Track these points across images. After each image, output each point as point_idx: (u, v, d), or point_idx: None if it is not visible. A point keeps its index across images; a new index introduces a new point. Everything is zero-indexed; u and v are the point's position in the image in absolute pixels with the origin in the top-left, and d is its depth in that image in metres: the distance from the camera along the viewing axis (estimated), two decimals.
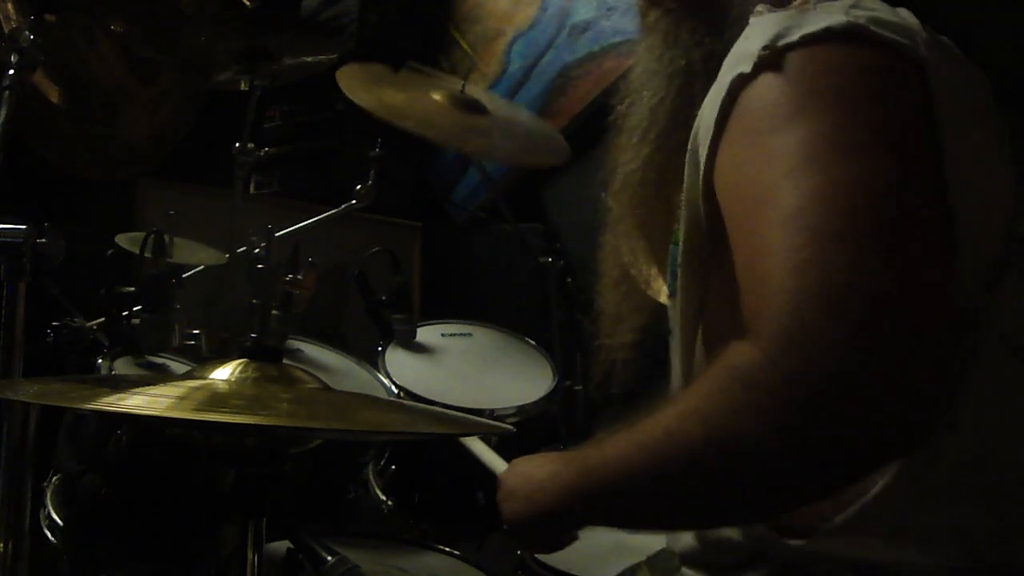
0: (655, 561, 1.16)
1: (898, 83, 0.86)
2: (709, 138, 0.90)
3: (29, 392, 0.97)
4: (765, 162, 0.84)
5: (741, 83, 0.88)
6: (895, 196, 0.80)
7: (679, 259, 0.99)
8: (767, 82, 0.87)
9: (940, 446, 0.84)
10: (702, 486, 0.82)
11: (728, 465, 0.79)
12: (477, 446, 1.33)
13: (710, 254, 0.94)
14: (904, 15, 0.91)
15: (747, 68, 0.87)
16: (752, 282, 0.83)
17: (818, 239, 0.77)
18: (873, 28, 0.86)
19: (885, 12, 0.89)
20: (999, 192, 0.92)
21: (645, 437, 0.85)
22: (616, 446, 0.88)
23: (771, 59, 0.86)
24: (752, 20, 0.95)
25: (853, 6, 0.89)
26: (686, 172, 0.96)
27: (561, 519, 0.97)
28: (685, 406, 0.83)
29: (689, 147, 0.95)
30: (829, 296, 0.75)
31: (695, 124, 0.95)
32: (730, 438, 0.78)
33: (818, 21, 0.87)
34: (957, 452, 0.86)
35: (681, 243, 0.98)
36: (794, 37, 0.86)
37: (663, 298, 1.11)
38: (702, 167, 0.92)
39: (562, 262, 2.24)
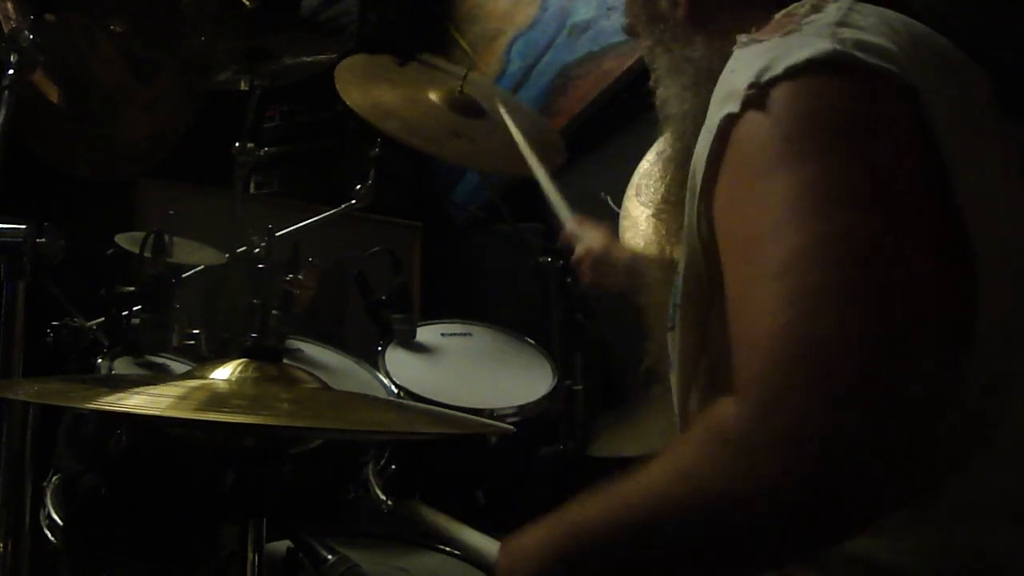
0: None
1: (887, 116, 0.84)
2: (702, 177, 0.89)
3: (29, 392, 0.97)
4: (756, 209, 0.82)
5: (730, 122, 0.86)
6: (885, 247, 0.78)
7: (679, 292, 0.98)
8: (755, 121, 0.85)
9: (965, 468, 0.84)
10: (693, 547, 0.81)
11: (718, 526, 0.78)
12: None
13: (708, 290, 0.93)
14: (897, 27, 0.88)
15: (735, 108, 0.86)
16: (740, 335, 0.81)
17: (805, 298, 0.76)
18: (859, 55, 0.83)
19: (873, 32, 0.86)
20: (1016, 208, 0.90)
21: (633, 497, 0.83)
22: (602, 506, 0.86)
23: (757, 97, 0.84)
24: (736, 52, 0.93)
25: (840, 24, 0.86)
26: (686, 204, 0.95)
27: None
28: (674, 466, 0.82)
29: (688, 183, 0.94)
30: (816, 358, 0.73)
31: (692, 160, 0.93)
32: (719, 499, 0.77)
33: (802, 51, 0.84)
34: (982, 474, 0.85)
35: (681, 276, 0.97)
36: (778, 70, 0.84)
37: None
38: (696, 203, 0.91)
39: (562, 262, 2.23)
